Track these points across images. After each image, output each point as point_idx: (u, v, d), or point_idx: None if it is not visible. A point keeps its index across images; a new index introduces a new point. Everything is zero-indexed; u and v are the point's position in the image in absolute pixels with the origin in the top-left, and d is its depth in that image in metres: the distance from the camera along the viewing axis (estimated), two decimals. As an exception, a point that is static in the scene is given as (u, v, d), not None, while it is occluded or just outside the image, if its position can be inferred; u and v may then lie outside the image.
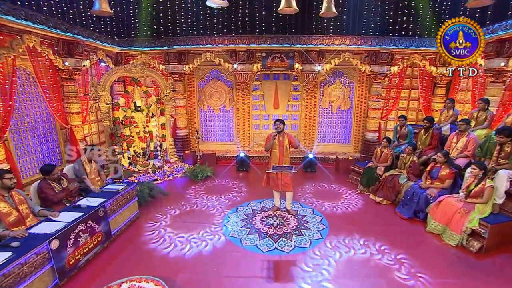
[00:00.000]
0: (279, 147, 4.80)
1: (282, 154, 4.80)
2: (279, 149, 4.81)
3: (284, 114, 8.52)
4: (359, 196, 5.92)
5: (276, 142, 4.78)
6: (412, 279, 3.41)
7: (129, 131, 6.66)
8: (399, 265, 3.67)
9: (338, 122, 8.51)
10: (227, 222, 4.83)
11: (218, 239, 4.31)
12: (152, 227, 4.67)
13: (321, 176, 7.20)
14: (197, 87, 8.51)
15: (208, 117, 8.73)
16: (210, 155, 8.06)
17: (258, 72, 8.17)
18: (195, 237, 4.35)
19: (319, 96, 8.34)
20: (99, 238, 3.90)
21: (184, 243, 4.19)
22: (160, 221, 4.85)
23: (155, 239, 4.30)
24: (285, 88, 8.31)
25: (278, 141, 4.79)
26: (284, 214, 5.09)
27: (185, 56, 7.79)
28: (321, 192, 6.13)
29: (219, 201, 5.70)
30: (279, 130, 4.71)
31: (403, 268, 3.61)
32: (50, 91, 5.82)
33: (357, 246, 4.11)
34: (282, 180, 4.82)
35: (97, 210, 3.89)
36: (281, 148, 4.80)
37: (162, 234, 4.45)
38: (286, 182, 4.85)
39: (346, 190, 6.23)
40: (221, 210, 5.25)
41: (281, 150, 4.80)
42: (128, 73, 6.47)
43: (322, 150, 8.53)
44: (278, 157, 4.81)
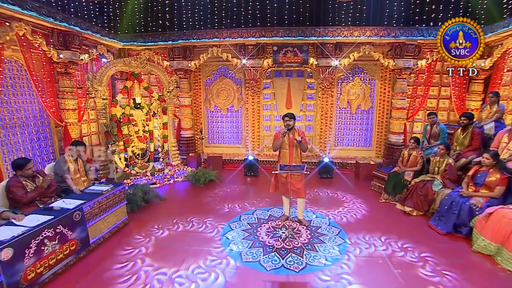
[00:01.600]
0: (289, 146, 4.14)
1: (292, 155, 4.14)
2: (289, 149, 4.14)
3: (297, 115, 7.83)
4: (383, 206, 5.11)
5: (286, 141, 4.13)
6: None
7: (127, 130, 6.20)
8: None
9: (358, 124, 7.72)
10: (228, 240, 4.14)
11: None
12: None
13: (338, 183, 6.42)
14: (203, 85, 8.01)
15: (215, 118, 8.19)
16: (215, 158, 7.47)
17: (269, 68, 7.58)
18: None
19: (337, 94, 7.62)
20: (72, 247, 3.33)
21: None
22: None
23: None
24: (298, 86, 7.67)
25: (288, 140, 4.13)
26: (295, 224, 4.37)
27: (190, 51, 7.34)
28: (338, 201, 5.36)
29: (219, 212, 5.05)
30: (289, 126, 4.05)
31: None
32: (44, 85, 5.45)
33: (384, 267, 3.33)
34: (293, 185, 4.13)
35: (71, 213, 3.34)
36: (292, 147, 4.14)
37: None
38: (298, 187, 4.16)
39: (368, 199, 5.43)
40: (219, 231, 4.22)
41: (292, 150, 4.14)
42: (127, 67, 6.05)
43: (339, 155, 7.75)
44: (288, 158, 4.15)
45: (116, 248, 3.76)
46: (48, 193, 3.71)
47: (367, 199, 5.41)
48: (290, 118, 4.06)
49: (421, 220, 4.52)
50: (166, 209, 5.01)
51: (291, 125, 4.07)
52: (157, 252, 3.65)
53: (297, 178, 4.14)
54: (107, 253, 3.66)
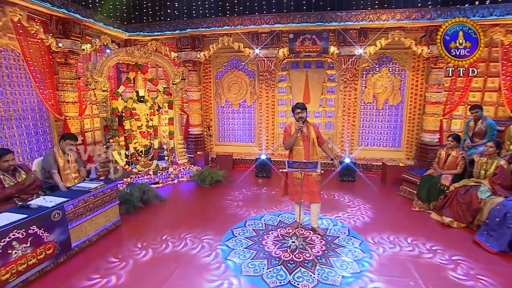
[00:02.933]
0: (303, 141, 3.67)
1: (308, 152, 3.65)
2: (303, 145, 3.67)
3: (316, 110, 7.32)
4: (414, 215, 4.48)
5: (299, 136, 3.65)
6: None
7: (129, 124, 5.97)
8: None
9: (385, 121, 7.06)
10: (227, 250, 3.72)
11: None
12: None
13: (362, 187, 5.83)
14: (214, 78, 7.70)
15: (226, 114, 7.83)
16: (225, 157, 7.10)
17: (284, 59, 7.13)
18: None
19: (361, 87, 7.02)
20: (49, 250, 3.05)
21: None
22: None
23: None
24: (318, 78, 7.14)
25: (301, 134, 3.66)
26: (308, 233, 3.88)
27: (199, 41, 7.04)
28: (361, 207, 4.78)
29: (221, 215, 4.64)
30: (302, 119, 3.60)
31: None
32: (42, 76, 5.34)
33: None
34: (307, 187, 3.64)
35: (49, 212, 3.06)
36: (307, 143, 3.66)
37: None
38: (312, 189, 3.67)
39: (396, 206, 4.82)
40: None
41: (307, 145, 3.66)
42: (130, 57, 5.82)
43: (364, 155, 7.13)
44: (304, 157, 3.66)
45: (103, 253, 3.45)
46: (29, 189, 3.47)
47: (395, 206, 4.80)
48: (302, 110, 3.60)
49: (464, 233, 3.85)
50: (164, 212, 4.69)
51: (303, 117, 3.61)
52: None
53: (315, 179, 3.66)
54: (91, 258, 3.35)
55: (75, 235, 3.42)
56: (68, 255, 3.32)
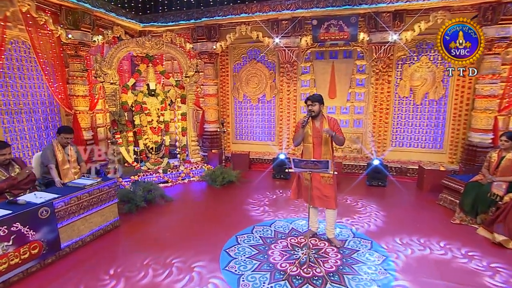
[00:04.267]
0: (314, 138, 3.34)
1: (319, 151, 3.32)
2: (313, 142, 3.34)
3: (343, 106, 6.85)
4: (458, 230, 3.91)
5: (309, 131, 3.33)
6: None
7: (139, 119, 5.94)
8: None
9: (424, 118, 6.41)
10: (228, 258, 3.47)
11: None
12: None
13: (393, 193, 5.30)
14: (231, 71, 7.50)
15: (244, 110, 7.60)
16: (241, 156, 6.88)
17: (308, 48, 6.74)
18: None
19: (395, 80, 6.43)
20: (34, 250, 2.98)
21: None
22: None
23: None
24: (345, 69, 6.66)
25: (312, 130, 3.33)
26: (322, 244, 3.53)
27: (215, 31, 6.88)
28: (390, 217, 4.30)
29: (226, 219, 4.40)
30: (312, 113, 3.27)
31: None
32: (52, 69, 5.46)
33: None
34: (319, 190, 3.32)
35: (35, 209, 3.00)
36: (317, 140, 3.33)
37: None
38: (327, 194, 3.34)
39: (433, 217, 4.26)
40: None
41: (317, 143, 3.34)
42: (140, 48, 5.79)
43: (398, 157, 6.54)
44: (312, 155, 3.34)
45: (95, 255, 3.36)
46: (21, 185, 3.47)
47: (431, 217, 4.25)
48: (313, 102, 3.30)
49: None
50: (167, 213, 4.56)
51: (315, 110, 3.29)
52: None
53: (327, 181, 3.31)
54: (82, 260, 3.27)
55: (66, 235, 3.36)
56: (57, 255, 3.26)
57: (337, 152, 6.96)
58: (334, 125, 3.35)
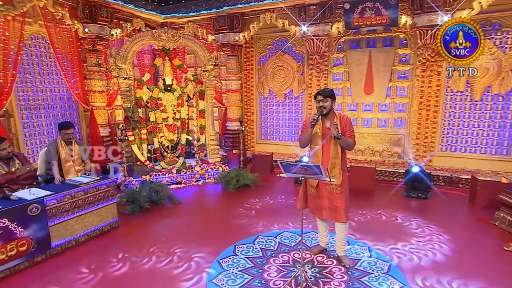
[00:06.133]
0: (323, 140, 3.06)
1: (328, 153, 3.04)
2: (322, 144, 3.06)
3: (382, 103, 6.31)
4: (509, 258, 3.31)
5: (318, 132, 3.06)
6: None
7: (154, 116, 6.06)
8: None
9: (485, 117, 5.63)
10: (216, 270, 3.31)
11: None
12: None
13: (434, 208, 4.72)
14: (256, 64, 7.34)
15: (270, 106, 7.40)
16: (263, 158, 6.70)
17: (341, 37, 6.34)
18: None
19: (447, 70, 5.73)
20: (22, 247, 3.10)
21: None
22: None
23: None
24: (385, 60, 6.13)
25: (321, 129, 3.06)
26: (329, 261, 3.23)
27: (238, 20, 6.77)
28: (426, 237, 3.79)
29: (230, 227, 4.24)
30: (324, 110, 2.99)
31: None
32: (69, 63, 5.79)
33: None
34: (328, 199, 3.03)
35: (25, 206, 3.12)
36: (327, 141, 3.04)
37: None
38: (335, 204, 3.05)
39: (484, 241, 3.67)
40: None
41: (327, 145, 3.05)
42: (156, 40, 5.89)
43: (448, 164, 5.86)
44: (321, 159, 3.07)
45: (87, 257, 3.42)
46: (19, 180, 3.66)
47: (482, 241, 3.65)
48: (324, 98, 2.99)
49: None
50: (170, 217, 4.54)
51: (326, 107, 2.98)
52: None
53: (334, 190, 3.01)
54: (74, 260, 3.35)
55: (58, 233, 3.46)
56: (47, 254, 3.37)
57: (374, 156, 6.46)
58: (346, 125, 3.02)
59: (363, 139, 6.54)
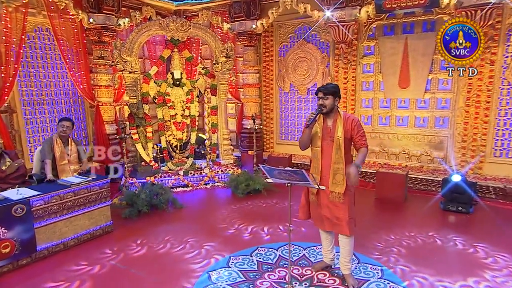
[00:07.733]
0: (323, 141, 2.79)
1: (329, 157, 2.76)
2: (322, 147, 2.79)
3: (420, 99, 5.74)
4: None
5: (318, 132, 2.80)
6: None
7: (161, 113, 5.96)
8: None
9: (550, 116, 4.89)
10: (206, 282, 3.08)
11: None
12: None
13: (476, 225, 4.20)
14: (276, 55, 7.02)
15: (291, 103, 7.05)
16: (280, 160, 6.39)
17: (372, 22, 5.84)
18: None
19: (504, 59, 5.06)
20: (5, 249, 3.12)
21: None
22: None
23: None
24: (424, 48, 5.55)
25: (321, 130, 2.79)
26: (332, 280, 2.99)
27: (255, 6, 6.50)
28: (474, 264, 3.27)
29: (229, 234, 3.98)
30: (323, 108, 2.73)
31: None
32: (74, 56, 5.84)
33: None
34: (329, 209, 2.80)
35: (9, 206, 3.14)
36: (328, 144, 2.76)
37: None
38: (337, 215, 2.76)
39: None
40: None
41: (328, 148, 2.77)
42: (164, 30, 5.77)
43: (503, 172, 5.17)
44: (321, 163, 2.81)
45: (75, 261, 3.40)
46: (9, 179, 3.70)
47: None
48: (325, 94, 2.72)
49: None
50: (167, 222, 4.44)
51: (327, 105, 2.70)
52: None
53: (336, 199, 2.73)
54: (61, 264, 3.35)
55: (45, 236, 3.46)
56: (33, 257, 3.38)
57: (411, 161, 5.89)
58: (353, 128, 2.71)
59: (398, 140, 5.99)
